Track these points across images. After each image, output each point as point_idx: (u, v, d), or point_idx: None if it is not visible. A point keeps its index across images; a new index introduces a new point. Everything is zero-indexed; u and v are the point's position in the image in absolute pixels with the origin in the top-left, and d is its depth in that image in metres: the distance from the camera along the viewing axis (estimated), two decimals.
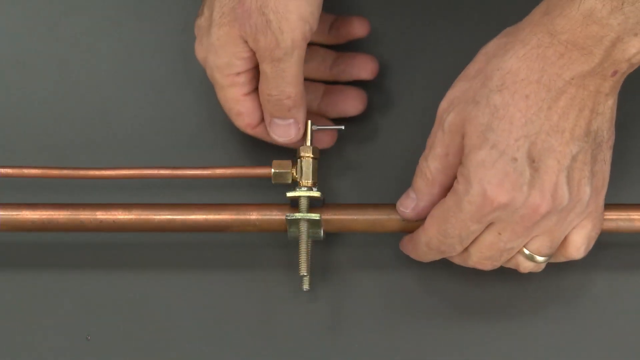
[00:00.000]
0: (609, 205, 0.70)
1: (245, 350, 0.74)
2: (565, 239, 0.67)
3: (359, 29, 0.74)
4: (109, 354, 0.74)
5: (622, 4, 0.59)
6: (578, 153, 0.63)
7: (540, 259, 0.67)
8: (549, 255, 0.67)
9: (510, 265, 0.69)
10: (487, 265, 0.68)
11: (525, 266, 0.68)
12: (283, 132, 0.70)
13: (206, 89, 0.78)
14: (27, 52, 0.79)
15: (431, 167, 0.66)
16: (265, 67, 0.67)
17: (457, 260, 0.69)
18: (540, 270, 0.69)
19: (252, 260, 0.75)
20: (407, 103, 0.77)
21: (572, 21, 0.61)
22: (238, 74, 0.69)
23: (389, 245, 0.74)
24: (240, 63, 0.68)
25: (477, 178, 0.63)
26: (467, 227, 0.65)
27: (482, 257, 0.67)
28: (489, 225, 0.65)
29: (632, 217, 0.70)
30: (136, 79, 0.78)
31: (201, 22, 0.70)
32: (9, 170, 0.73)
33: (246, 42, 0.67)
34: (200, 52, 0.70)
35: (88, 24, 0.79)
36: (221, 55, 0.68)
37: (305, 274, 0.70)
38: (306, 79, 0.74)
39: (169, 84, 0.78)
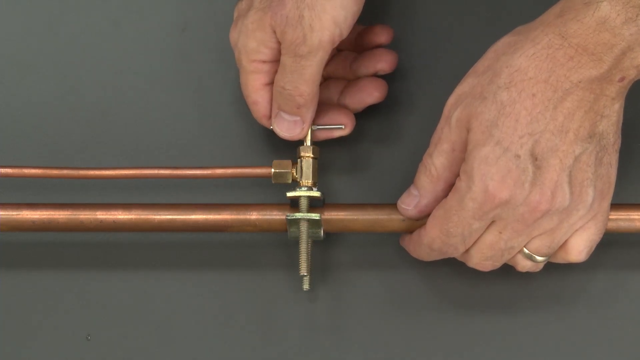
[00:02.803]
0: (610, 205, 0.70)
1: (246, 350, 0.74)
2: (567, 242, 0.67)
3: (381, 36, 0.74)
4: (109, 354, 0.74)
5: (637, 16, 0.60)
6: (581, 154, 0.63)
7: (539, 258, 0.67)
8: (548, 256, 0.67)
9: (509, 262, 0.69)
10: (488, 266, 0.68)
11: (524, 265, 0.68)
12: (287, 127, 0.70)
13: (206, 89, 0.78)
14: (27, 52, 0.79)
15: (436, 163, 0.66)
16: (286, 60, 0.67)
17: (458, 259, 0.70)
18: (538, 270, 0.69)
19: (252, 260, 0.75)
20: (408, 104, 0.77)
21: (585, 26, 0.61)
22: (263, 62, 0.69)
23: (390, 245, 0.74)
24: (266, 51, 0.68)
25: (480, 174, 0.63)
26: (469, 225, 0.65)
27: (482, 258, 0.67)
28: (490, 225, 0.65)
29: (632, 217, 0.70)
30: (136, 79, 0.78)
31: (242, 5, 0.71)
32: (9, 170, 0.73)
33: (274, 32, 0.67)
34: (233, 33, 0.71)
35: (88, 24, 0.79)
36: (251, 39, 0.68)
37: (305, 274, 0.70)
38: (328, 77, 0.74)
39: (169, 84, 0.78)
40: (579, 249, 0.67)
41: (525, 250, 0.67)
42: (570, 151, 0.63)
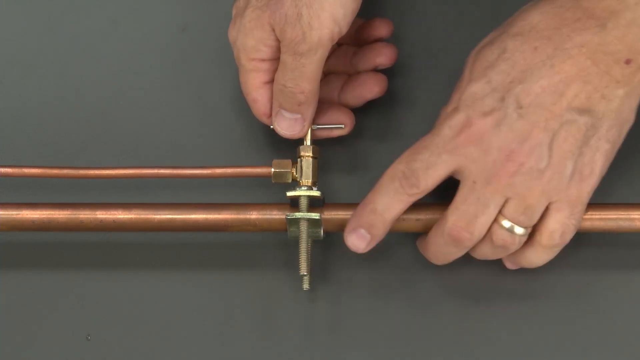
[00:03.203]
0: (610, 205, 0.70)
1: (246, 350, 0.74)
2: (541, 222, 0.66)
3: (381, 30, 0.75)
4: (109, 354, 0.74)
5: None
6: (570, 124, 0.64)
7: (516, 229, 0.66)
8: (524, 228, 0.66)
9: (486, 239, 0.67)
10: (464, 235, 0.66)
11: (503, 238, 0.66)
12: (287, 125, 0.70)
13: (206, 89, 0.78)
14: (27, 52, 0.79)
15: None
16: (286, 58, 0.67)
17: (433, 236, 0.68)
18: (514, 247, 0.67)
19: (252, 260, 0.75)
20: (408, 101, 0.77)
21: None
22: (262, 60, 0.69)
23: (389, 245, 0.74)
24: (265, 50, 0.68)
25: (465, 105, 0.65)
26: (439, 154, 0.65)
27: (458, 219, 0.66)
28: (462, 180, 0.65)
29: (632, 216, 0.70)
30: (136, 79, 0.78)
31: (240, 3, 0.71)
32: (9, 170, 0.73)
33: (273, 30, 0.67)
34: (232, 32, 0.71)
35: (88, 24, 0.79)
36: (249, 37, 0.68)
37: (305, 273, 0.70)
38: (328, 73, 0.75)
39: (169, 84, 0.78)
40: (550, 229, 0.66)
41: (503, 221, 0.66)
42: (558, 115, 0.63)
